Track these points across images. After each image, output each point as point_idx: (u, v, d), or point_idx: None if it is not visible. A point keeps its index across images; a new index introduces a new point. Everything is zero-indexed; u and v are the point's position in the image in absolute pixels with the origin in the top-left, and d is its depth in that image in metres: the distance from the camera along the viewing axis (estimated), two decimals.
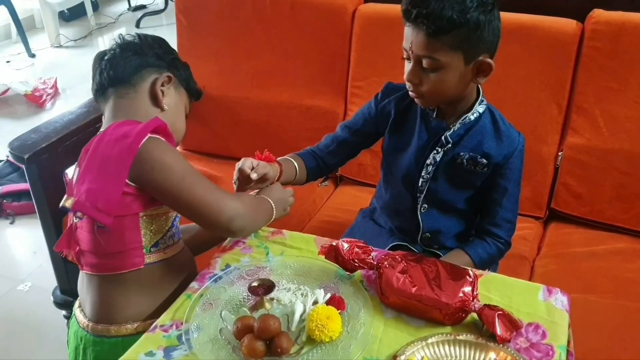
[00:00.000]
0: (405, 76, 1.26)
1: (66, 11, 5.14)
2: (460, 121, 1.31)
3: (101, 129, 1.18)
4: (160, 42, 1.27)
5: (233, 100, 2.10)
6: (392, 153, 1.45)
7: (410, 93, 1.29)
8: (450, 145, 1.33)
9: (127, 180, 1.07)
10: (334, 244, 1.12)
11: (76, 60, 4.55)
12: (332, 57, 1.99)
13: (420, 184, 1.39)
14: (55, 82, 4.04)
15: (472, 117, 1.31)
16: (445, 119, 1.34)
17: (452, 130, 1.32)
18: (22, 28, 4.50)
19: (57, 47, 4.79)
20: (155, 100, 1.20)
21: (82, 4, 4.98)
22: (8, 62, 4.51)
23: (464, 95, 1.29)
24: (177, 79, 1.25)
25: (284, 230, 1.26)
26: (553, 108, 1.75)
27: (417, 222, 1.44)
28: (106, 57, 1.20)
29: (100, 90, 1.20)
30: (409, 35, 1.21)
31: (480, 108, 1.32)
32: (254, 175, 1.25)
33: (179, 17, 2.14)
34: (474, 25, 1.16)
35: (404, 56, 1.26)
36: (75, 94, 3.99)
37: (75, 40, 4.91)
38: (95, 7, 5.36)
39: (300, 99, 2.03)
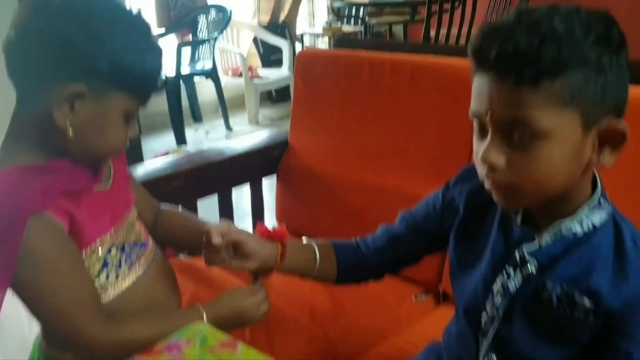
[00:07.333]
0: (479, 156, 0.77)
1: (274, 93, 5.38)
2: (556, 230, 0.80)
3: None
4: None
5: (332, 177, 1.75)
6: (457, 269, 0.97)
7: (485, 185, 0.80)
8: (533, 270, 0.81)
9: None
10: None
11: None
12: (453, 137, 1.55)
13: (483, 324, 0.88)
14: None
15: (579, 229, 0.78)
16: (538, 229, 0.83)
17: (538, 244, 0.81)
18: (224, 102, 4.71)
19: (254, 124, 4.94)
20: (52, 125, 0.84)
21: (287, 87, 5.13)
22: (207, 132, 4.76)
23: (571, 191, 0.78)
24: (104, 85, 0.84)
25: (238, 345, 0.85)
26: None
27: None
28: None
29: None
30: (484, 91, 0.74)
31: (595, 216, 0.78)
32: (216, 240, 0.90)
33: (297, 83, 1.90)
34: (596, 66, 0.68)
35: (475, 127, 0.79)
36: None
37: (272, 120, 5.06)
38: None
39: (408, 186, 1.60)
